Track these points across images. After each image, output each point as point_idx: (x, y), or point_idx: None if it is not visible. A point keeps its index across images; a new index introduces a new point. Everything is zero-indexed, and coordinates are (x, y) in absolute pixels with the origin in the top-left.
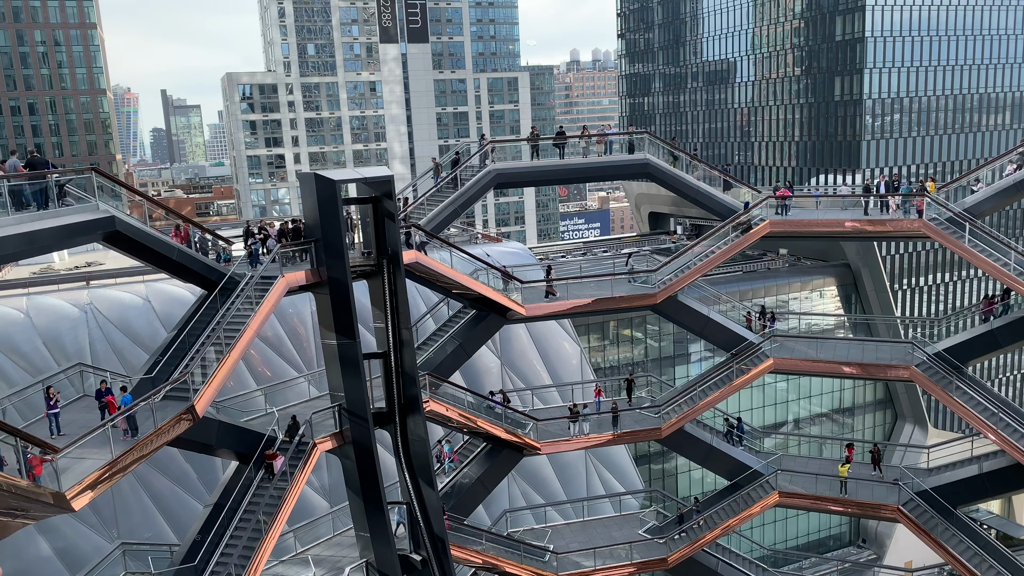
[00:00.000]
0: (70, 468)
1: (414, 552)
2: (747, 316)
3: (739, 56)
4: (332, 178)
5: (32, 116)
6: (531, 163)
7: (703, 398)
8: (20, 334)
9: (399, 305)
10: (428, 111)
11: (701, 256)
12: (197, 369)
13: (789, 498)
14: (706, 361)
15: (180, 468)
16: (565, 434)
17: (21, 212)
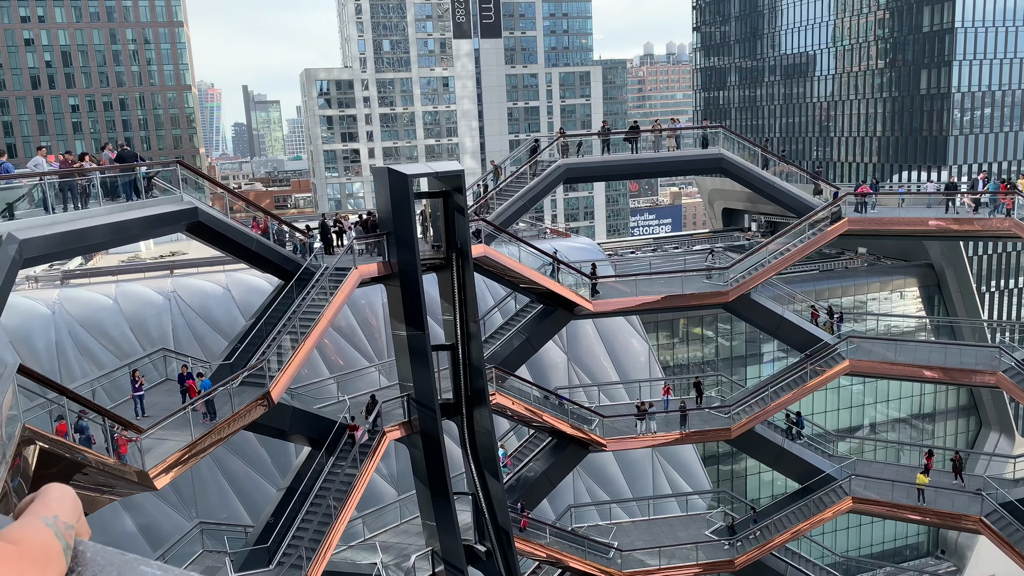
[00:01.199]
0: (153, 449)
1: (479, 543)
2: (813, 312)
3: (819, 49)
4: (404, 172)
5: (123, 111)
6: (602, 158)
7: (775, 399)
8: (109, 319)
9: (467, 298)
10: (499, 106)
11: (776, 254)
12: (273, 356)
13: (864, 504)
14: (779, 362)
15: (255, 452)
16: (632, 431)
17: (112, 203)
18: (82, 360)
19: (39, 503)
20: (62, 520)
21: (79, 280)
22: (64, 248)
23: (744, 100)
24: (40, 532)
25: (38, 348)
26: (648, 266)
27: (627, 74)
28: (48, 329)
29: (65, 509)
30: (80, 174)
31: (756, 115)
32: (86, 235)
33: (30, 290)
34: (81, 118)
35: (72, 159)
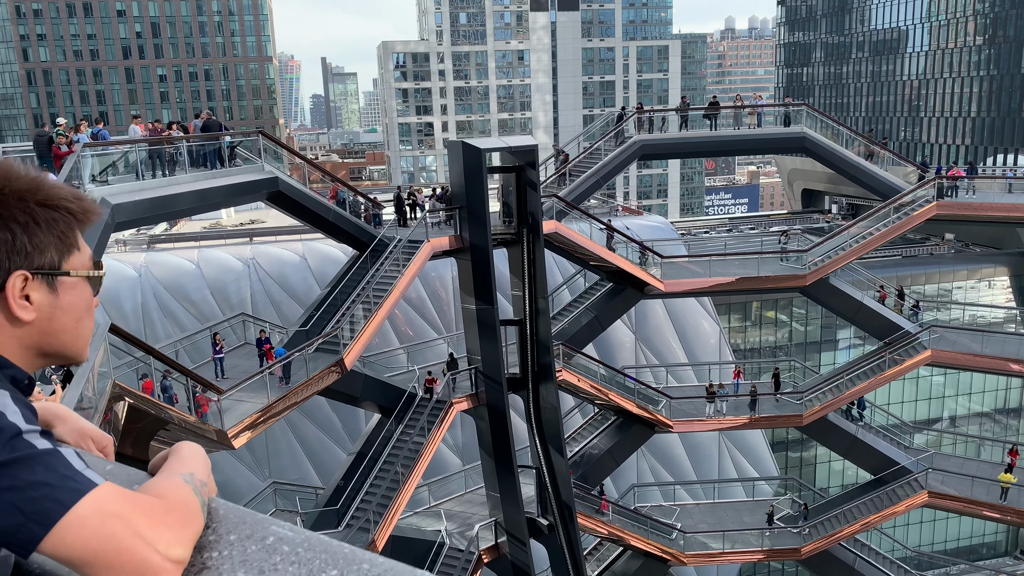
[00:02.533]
0: (231, 409)
1: (541, 516)
2: (881, 292)
3: (912, 24)
4: (478, 147)
5: (207, 81)
6: (679, 134)
7: (850, 387)
8: (191, 283)
9: (537, 274)
10: (575, 80)
11: (857, 238)
12: (347, 325)
13: (939, 499)
14: (855, 349)
15: (327, 416)
16: (699, 414)
17: (197, 171)
18: (165, 322)
19: (174, 460)
20: (197, 477)
21: (164, 245)
22: (152, 213)
23: (829, 77)
24: (181, 488)
25: (125, 309)
26: (723, 246)
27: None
28: (135, 291)
29: (199, 467)
30: (168, 142)
31: (841, 93)
32: (173, 201)
33: (119, 253)
34: (168, 88)
35: (161, 127)
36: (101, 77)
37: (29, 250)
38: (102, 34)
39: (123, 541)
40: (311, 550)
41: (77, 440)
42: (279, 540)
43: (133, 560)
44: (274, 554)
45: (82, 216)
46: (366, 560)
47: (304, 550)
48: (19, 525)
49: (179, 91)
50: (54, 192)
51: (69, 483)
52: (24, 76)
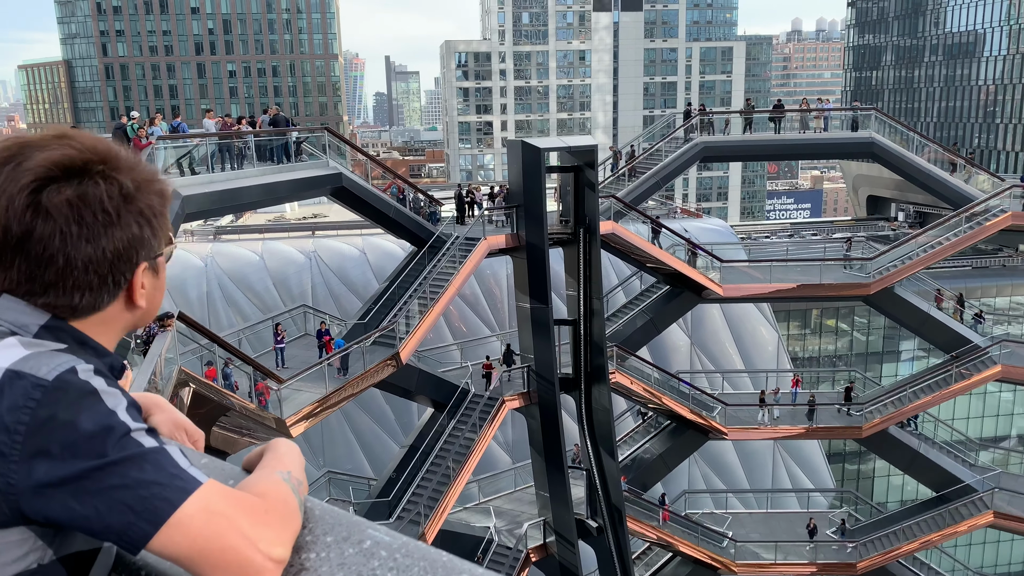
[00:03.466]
0: (290, 398)
1: (591, 518)
2: (938, 297)
3: (989, 27)
4: (537, 146)
5: (275, 78)
6: (742, 137)
7: (913, 400)
8: (254, 274)
9: (592, 274)
10: (636, 81)
11: (926, 247)
12: (403, 320)
13: (1005, 520)
14: (919, 361)
15: (381, 409)
16: (754, 421)
17: (264, 165)
18: (229, 311)
19: (271, 457)
20: (294, 476)
21: (229, 236)
22: (220, 206)
23: (899, 81)
24: (280, 486)
25: (191, 297)
26: (784, 252)
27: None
28: (201, 280)
29: (295, 466)
30: (238, 136)
31: (912, 98)
32: (240, 194)
33: (186, 243)
34: (237, 83)
35: (231, 122)
36: (174, 72)
37: (152, 242)
38: (176, 30)
39: (227, 539)
40: (410, 556)
41: (171, 431)
42: (376, 544)
43: (236, 558)
44: (372, 559)
45: (170, 196)
46: (465, 570)
47: (402, 556)
48: (130, 523)
49: (248, 87)
50: (155, 176)
51: (177, 482)
52: (103, 70)
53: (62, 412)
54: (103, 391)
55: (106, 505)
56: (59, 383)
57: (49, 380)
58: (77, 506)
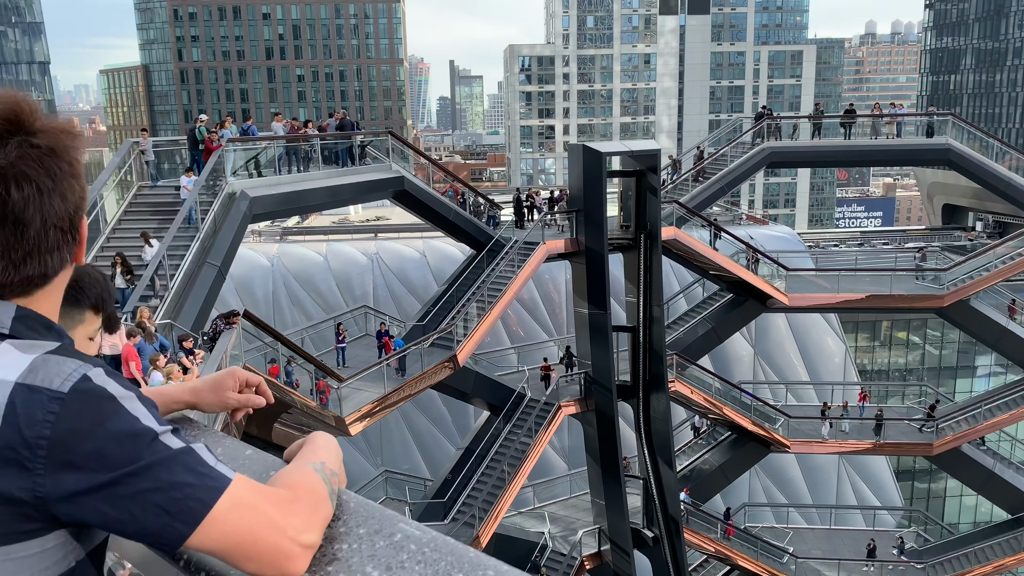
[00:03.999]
0: (349, 397)
1: (647, 528)
2: (1012, 307)
3: None
4: (599, 150)
5: (341, 82)
6: (811, 142)
7: (988, 418)
8: (318, 275)
9: (653, 281)
10: (701, 84)
11: (1005, 258)
12: (461, 322)
13: None
14: (996, 377)
15: (438, 410)
16: (819, 435)
17: (329, 168)
18: (293, 310)
19: (308, 449)
20: (328, 467)
21: (295, 237)
22: (286, 207)
23: (979, 86)
24: (311, 476)
25: (257, 296)
26: (853, 261)
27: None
28: (267, 280)
29: (331, 457)
30: (305, 140)
31: (993, 103)
32: (305, 196)
33: (254, 243)
34: (305, 88)
35: (298, 125)
36: (245, 76)
37: (86, 193)
38: (248, 36)
39: (259, 531)
40: (437, 551)
41: (227, 394)
42: (406, 538)
43: (268, 547)
44: (401, 552)
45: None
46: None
47: (431, 550)
48: (166, 525)
49: (315, 91)
50: (66, 121)
51: (208, 481)
52: (178, 74)
53: (84, 423)
54: (121, 396)
55: (140, 509)
56: (76, 395)
57: (65, 392)
58: (111, 511)
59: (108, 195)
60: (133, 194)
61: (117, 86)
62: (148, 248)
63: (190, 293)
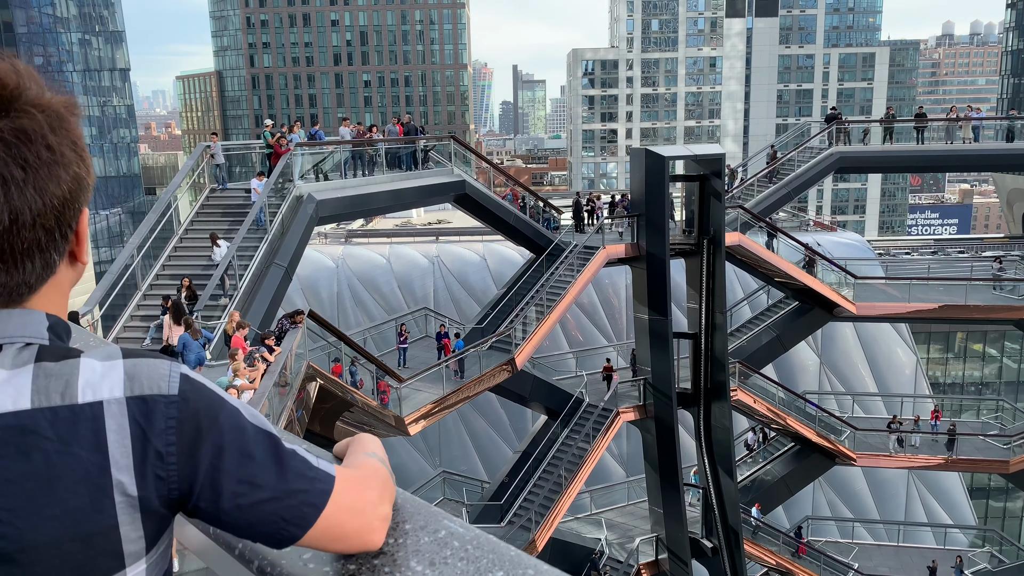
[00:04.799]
0: (409, 398)
1: (706, 538)
2: None
3: None
4: (662, 154)
5: (407, 87)
6: (882, 147)
7: None
8: (381, 277)
9: (716, 287)
10: (768, 88)
11: None
12: (519, 326)
13: None
14: None
15: (496, 413)
16: (887, 448)
17: (393, 172)
18: (357, 311)
19: (356, 445)
20: (378, 456)
21: (359, 240)
22: (351, 210)
23: None
24: (370, 460)
25: (322, 297)
26: (925, 270)
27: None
28: (332, 281)
29: (378, 449)
30: (370, 144)
31: None
32: (370, 200)
33: (320, 245)
34: (371, 93)
35: (363, 130)
36: (314, 82)
37: (87, 180)
38: (317, 42)
39: (353, 520)
40: (480, 548)
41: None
42: (450, 535)
43: (356, 528)
44: (445, 548)
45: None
46: (531, 566)
47: (473, 547)
48: (280, 529)
49: (381, 96)
50: (69, 95)
51: (318, 484)
52: (250, 80)
53: (204, 420)
54: (217, 389)
55: (257, 516)
56: (186, 393)
57: (176, 394)
58: (235, 516)
59: (181, 197)
60: (205, 196)
61: (192, 91)
62: (216, 249)
63: (258, 293)
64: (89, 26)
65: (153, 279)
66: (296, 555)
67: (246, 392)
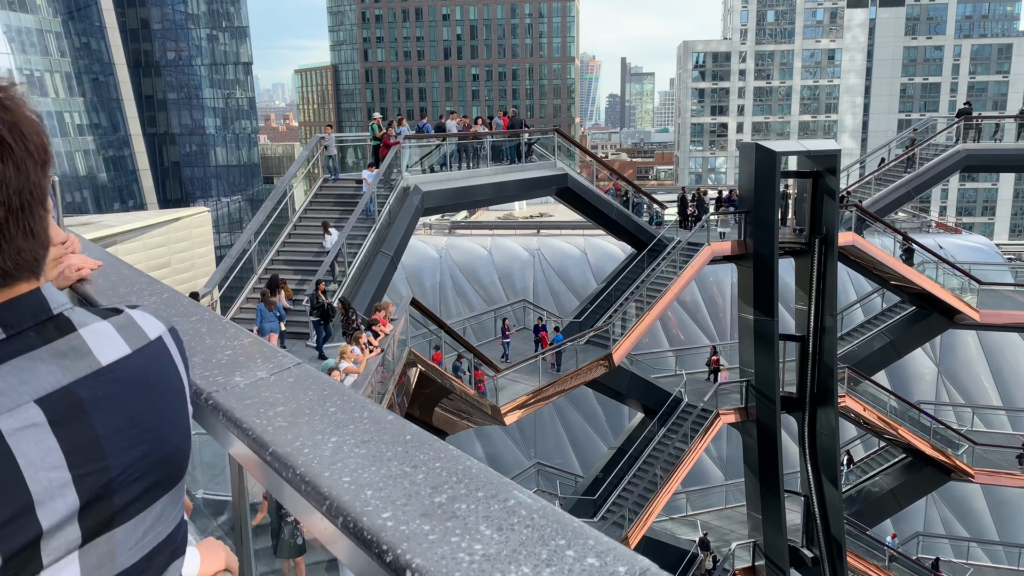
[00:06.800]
0: (506, 388)
1: (806, 547)
2: None
3: None
4: (773, 149)
5: (514, 81)
6: (1016, 144)
7: None
8: (482, 268)
9: (826, 289)
10: (891, 81)
11: None
12: (618, 321)
13: None
14: None
15: (592, 408)
16: (1009, 466)
17: (497, 164)
18: (458, 301)
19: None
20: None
21: (462, 231)
22: (455, 202)
23: None
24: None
25: (425, 286)
26: None
27: None
28: (435, 270)
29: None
30: (475, 137)
31: None
32: (473, 192)
33: (424, 236)
34: (479, 86)
35: (468, 123)
36: (424, 75)
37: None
38: (428, 36)
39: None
40: (545, 518)
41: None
42: (519, 504)
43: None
44: (512, 515)
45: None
46: (592, 537)
47: (539, 517)
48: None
49: (488, 89)
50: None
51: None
52: (363, 74)
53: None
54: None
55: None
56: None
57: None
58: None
59: (296, 186)
60: (318, 186)
61: (309, 85)
62: (328, 236)
63: (365, 279)
64: (216, 22)
65: (268, 263)
66: (376, 514)
67: (350, 376)
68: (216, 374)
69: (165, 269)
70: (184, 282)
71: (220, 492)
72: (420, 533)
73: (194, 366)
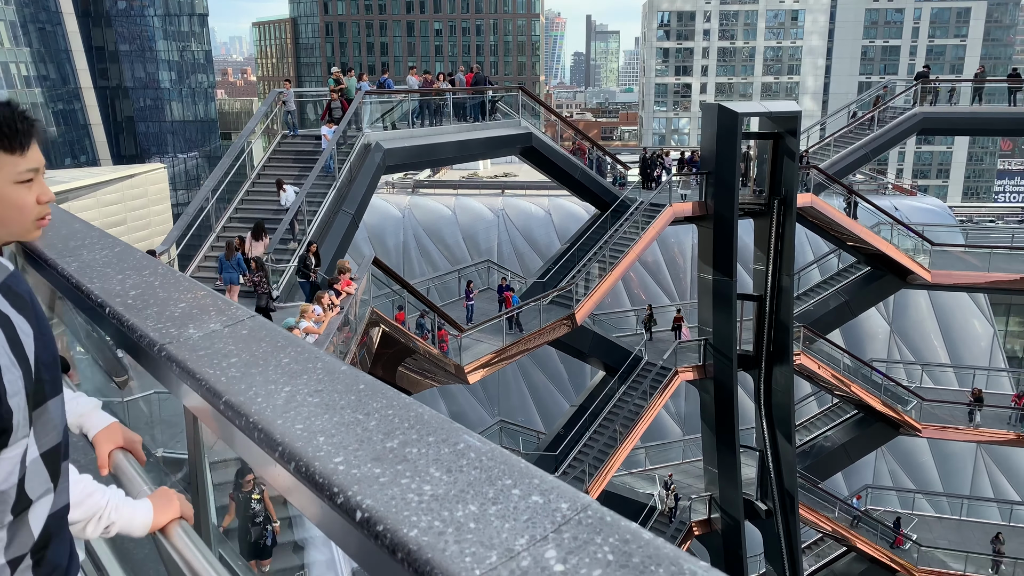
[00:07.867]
0: (469, 348)
1: (760, 500)
2: None
3: None
4: (735, 110)
5: (477, 36)
6: (970, 108)
7: None
8: (446, 228)
9: (784, 249)
10: (852, 43)
11: None
12: (581, 281)
13: None
14: None
15: (555, 366)
16: (955, 420)
17: (460, 123)
18: (421, 261)
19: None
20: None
21: (426, 190)
22: (418, 160)
23: None
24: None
25: (388, 245)
26: (1009, 239)
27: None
28: (398, 230)
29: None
30: (438, 94)
31: None
32: (436, 150)
33: (387, 194)
34: (442, 42)
35: (431, 79)
36: (386, 30)
37: None
38: None
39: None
40: (493, 459)
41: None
42: (468, 447)
43: None
44: (461, 458)
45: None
46: (537, 476)
47: (487, 459)
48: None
49: (452, 45)
50: None
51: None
52: (323, 27)
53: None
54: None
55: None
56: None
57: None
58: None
59: (255, 143)
60: (276, 142)
61: (268, 38)
62: (283, 194)
63: (326, 238)
64: None
65: (227, 221)
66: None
67: (311, 335)
68: (169, 326)
69: (121, 227)
70: (141, 240)
71: (179, 451)
72: (371, 476)
73: (147, 319)
